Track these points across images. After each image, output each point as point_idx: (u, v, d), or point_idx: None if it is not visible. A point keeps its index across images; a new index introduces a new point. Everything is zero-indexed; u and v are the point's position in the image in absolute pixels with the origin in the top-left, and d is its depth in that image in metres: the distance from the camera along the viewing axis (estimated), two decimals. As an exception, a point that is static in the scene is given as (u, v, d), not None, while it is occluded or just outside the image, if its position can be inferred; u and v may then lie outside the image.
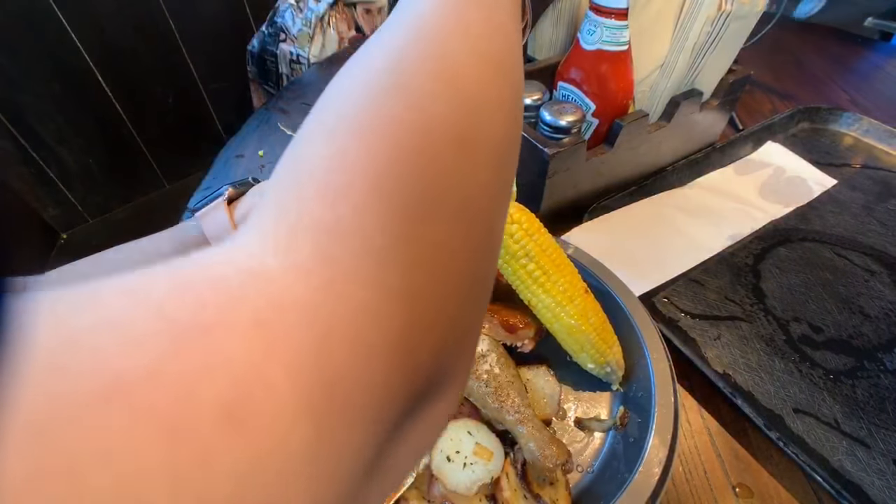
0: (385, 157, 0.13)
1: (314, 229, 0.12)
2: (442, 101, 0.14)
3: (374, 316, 0.11)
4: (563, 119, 0.45)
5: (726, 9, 0.47)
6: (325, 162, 0.13)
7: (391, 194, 0.12)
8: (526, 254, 0.35)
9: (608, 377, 0.38)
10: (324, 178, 0.13)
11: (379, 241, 0.12)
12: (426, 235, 0.13)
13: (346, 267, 0.11)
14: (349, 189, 0.12)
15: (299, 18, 0.96)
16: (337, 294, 0.11)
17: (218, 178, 0.63)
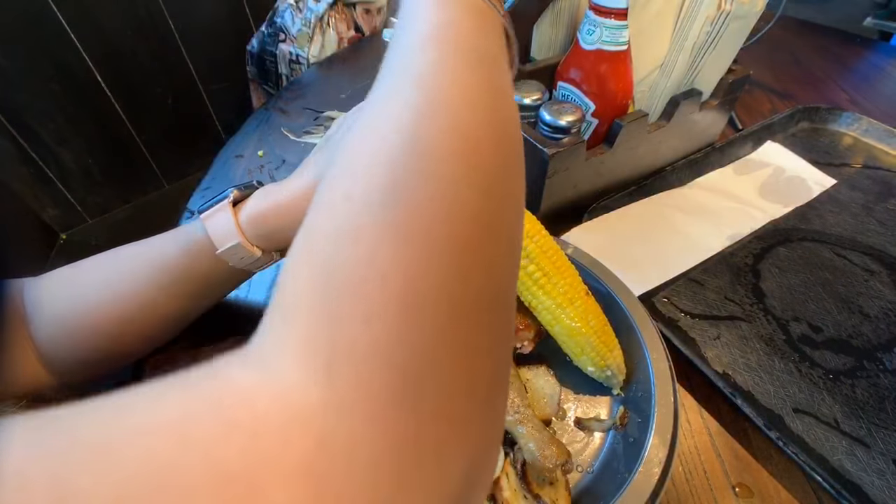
0: (416, 263, 0.12)
1: (350, 354, 0.11)
2: (465, 186, 0.13)
3: (414, 445, 0.11)
4: (562, 119, 0.45)
5: (726, 8, 0.47)
6: (355, 269, 0.12)
7: (422, 307, 0.12)
8: (527, 255, 0.35)
9: (609, 381, 0.38)
10: (357, 290, 0.12)
11: (415, 363, 0.11)
12: (459, 345, 0.12)
13: (386, 397, 0.11)
14: (384, 307, 0.11)
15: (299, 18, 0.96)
16: (379, 429, 0.11)
17: (217, 179, 0.63)
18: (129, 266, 0.35)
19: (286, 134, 0.62)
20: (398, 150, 0.14)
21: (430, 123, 0.14)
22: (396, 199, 0.13)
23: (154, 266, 0.34)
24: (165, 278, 0.34)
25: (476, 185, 0.14)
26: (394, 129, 0.14)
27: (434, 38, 0.17)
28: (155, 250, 0.35)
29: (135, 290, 0.34)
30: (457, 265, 0.12)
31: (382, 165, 0.13)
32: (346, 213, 0.13)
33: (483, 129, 0.15)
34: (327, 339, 0.11)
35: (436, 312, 0.12)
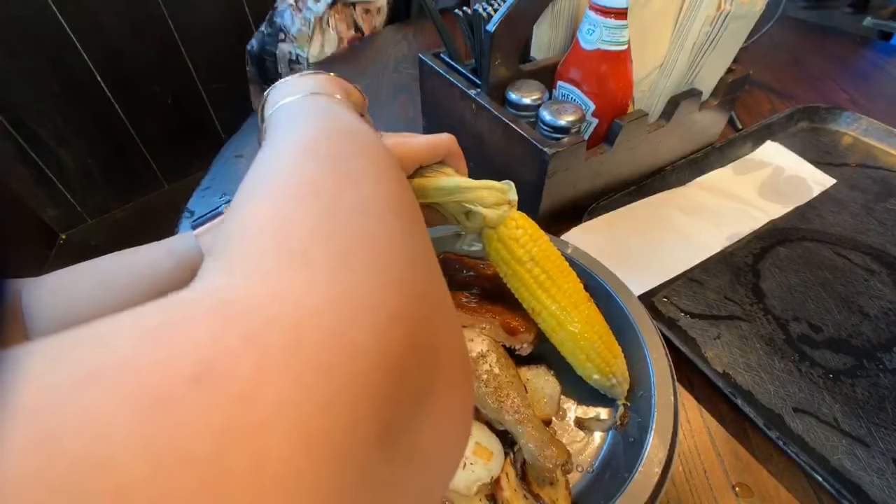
0: (299, 170, 0.18)
1: (253, 253, 0.14)
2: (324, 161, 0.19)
3: (327, 287, 0.13)
4: (562, 119, 0.45)
5: (725, 9, 0.47)
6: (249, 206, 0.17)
7: (306, 192, 0.17)
8: (531, 258, 0.35)
9: (612, 390, 0.37)
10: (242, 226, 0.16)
11: (301, 242, 0.14)
12: (338, 226, 0.15)
13: (284, 270, 0.13)
14: (264, 227, 0.15)
15: (298, 18, 0.96)
16: (281, 288, 0.13)
17: (217, 179, 0.63)
18: (121, 279, 0.34)
19: None
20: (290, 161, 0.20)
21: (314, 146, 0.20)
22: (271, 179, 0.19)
23: (146, 279, 0.34)
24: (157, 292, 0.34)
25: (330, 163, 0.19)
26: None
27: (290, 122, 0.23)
28: (148, 263, 0.34)
29: (125, 301, 0.34)
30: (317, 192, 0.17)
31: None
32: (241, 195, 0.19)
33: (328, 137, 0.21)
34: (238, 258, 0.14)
35: (319, 191, 0.17)
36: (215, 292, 0.12)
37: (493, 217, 0.34)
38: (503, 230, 0.34)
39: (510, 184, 0.35)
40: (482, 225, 0.34)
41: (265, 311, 0.12)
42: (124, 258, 0.35)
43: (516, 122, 0.48)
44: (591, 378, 0.37)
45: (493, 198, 0.33)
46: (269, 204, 0.16)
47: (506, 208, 0.34)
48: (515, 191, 0.35)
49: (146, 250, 0.35)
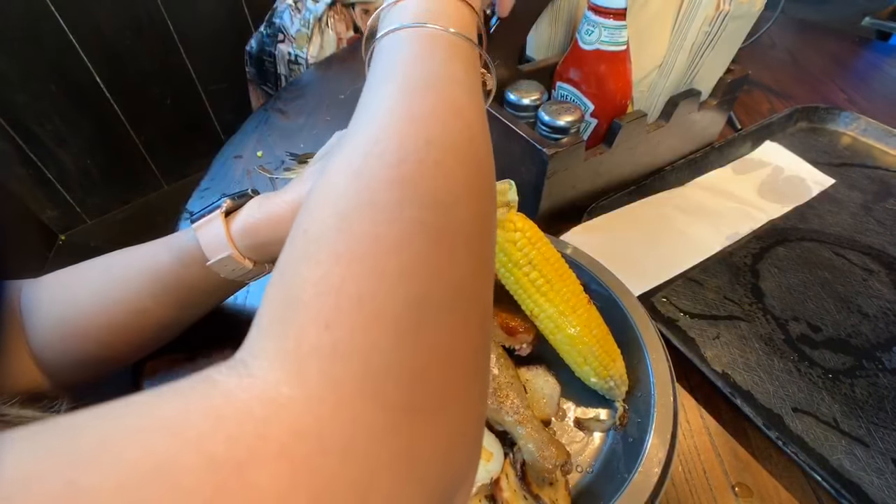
0: (366, 277, 0.14)
1: (316, 355, 0.13)
2: (408, 205, 0.15)
3: (382, 434, 0.12)
4: (561, 119, 0.45)
5: (724, 9, 0.47)
6: (313, 288, 0.14)
7: (378, 312, 0.13)
8: (529, 261, 0.35)
9: (611, 392, 0.37)
10: (313, 304, 0.14)
11: (376, 359, 0.13)
12: (421, 343, 0.14)
13: (351, 390, 0.12)
14: (338, 313, 0.13)
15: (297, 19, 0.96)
16: (345, 417, 0.12)
17: (216, 179, 0.63)
18: (121, 273, 0.34)
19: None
20: (343, 188, 0.16)
21: (372, 159, 0.17)
22: (343, 227, 0.15)
23: (145, 274, 0.34)
24: (156, 287, 0.34)
25: (417, 202, 0.16)
26: (342, 171, 0.17)
27: (384, 76, 0.20)
28: (147, 258, 0.34)
29: (125, 297, 0.34)
30: (406, 273, 0.14)
31: (331, 202, 0.16)
32: (303, 243, 0.16)
33: (423, 150, 0.17)
34: (295, 345, 0.13)
35: (392, 316, 0.14)
36: (280, 410, 0.12)
37: None
38: (501, 234, 0.34)
39: (510, 183, 0.35)
40: None
41: (335, 466, 0.11)
42: (122, 256, 0.35)
43: (515, 122, 0.48)
44: (589, 380, 0.37)
45: None
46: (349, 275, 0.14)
47: (503, 211, 0.34)
48: (515, 190, 0.35)
49: (145, 247, 0.35)
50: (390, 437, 0.12)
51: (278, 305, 0.15)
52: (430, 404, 0.14)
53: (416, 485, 0.13)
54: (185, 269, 0.33)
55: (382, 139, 0.17)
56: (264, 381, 0.12)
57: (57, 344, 0.33)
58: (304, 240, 0.16)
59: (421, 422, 0.13)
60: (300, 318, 0.14)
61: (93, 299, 0.34)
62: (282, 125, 0.71)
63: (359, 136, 0.18)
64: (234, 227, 0.33)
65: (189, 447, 0.10)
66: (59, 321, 0.33)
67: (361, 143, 0.17)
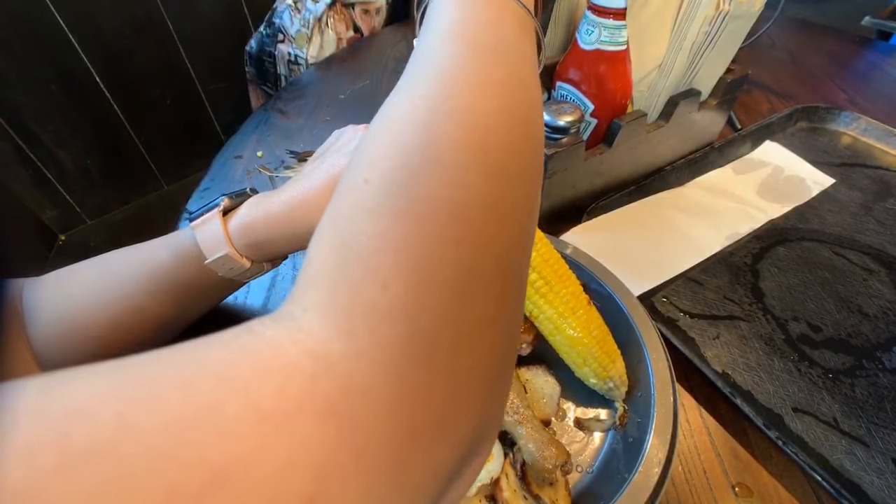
0: (426, 238, 0.14)
1: (370, 313, 0.13)
2: (473, 172, 0.15)
3: (426, 396, 0.13)
4: (561, 119, 0.45)
5: (724, 9, 0.47)
6: (372, 242, 0.14)
7: (434, 275, 0.13)
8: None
9: (611, 393, 0.37)
10: (372, 260, 0.13)
11: (426, 321, 0.13)
12: (467, 310, 0.14)
13: (401, 351, 0.13)
14: (397, 271, 0.13)
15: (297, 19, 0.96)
16: (392, 377, 0.12)
17: (216, 180, 0.63)
18: (120, 271, 0.34)
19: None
20: (410, 140, 0.15)
21: (442, 115, 0.16)
22: (408, 183, 0.14)
23: (144, 272, 0.34)
24: (155, 285, 0.34)
25: (483, 170, 0.15)
26: (408, 121, 0.16)
27: (452, 34, 0.19)
28: (146, 256, 0.34)
29: (124, 295, 0.34)
30: (462, 240, 0.14)
31: (397, 153, 0.15)
32: (364, 194, 0.15)
33: (494, 117, 0.16)
34: (348, 301, 0.13)
35: (444, 281, 0.14)
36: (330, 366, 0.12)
37: None
38: None
39: None
40: None
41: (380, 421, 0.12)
42: (122, 254, 0.35)
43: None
44: (589, 381, 0.37)
45: None
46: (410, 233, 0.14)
47: None
48: None
49: (144, 246, 0.35)
50: (432, 399, 0.13)
51: (331, 256, 0.14)
52: (469, 370, 0.14)
53: (447, 447, 0.13)
54: (182, 267, 0.33)
55: (452, 97, 0.16)
56: (314, 336, 0.12)
57: (57, 342, 0.33)
58: (364, 190, 0.15)
59: (459, 386, 0.14)
60: (356, 273, 0.13)
61: (92, 297, 0.34)
62: (282, 125, 0.72)
63: (423, 88, 0.17)
64: (231, 226, 0.33)
65: (237, 395, 0.11)
66: (59, 319, 0.33)
67: (429, 96, 0.16)
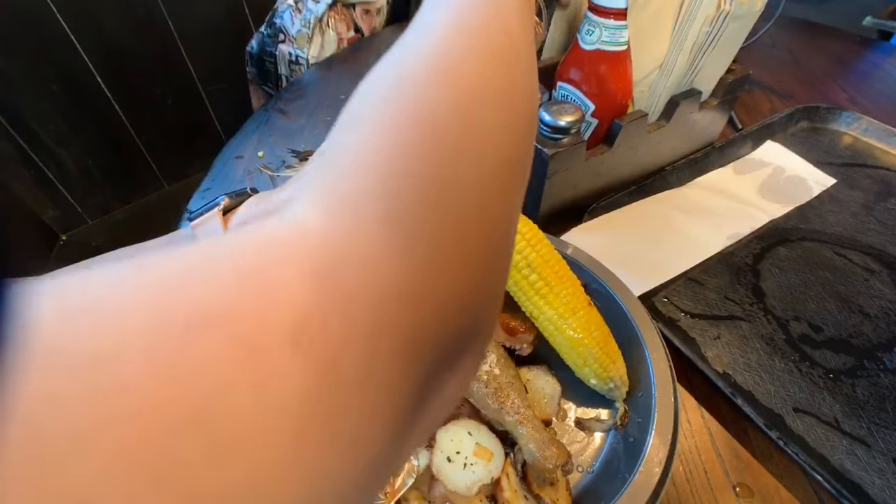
0: (400, 143, 0.15)
1: (349, 194, 0.14)
2: (445, 91, 0.17)
3: (405, 265, 0.14)
4: (562, 119, 0.45)
5: (725, 8, 0.47)
6: (355, 147, 0.16)
7: (407, 169, 0.15)
8: (528, 264, 0.35)
9: (611, 393, 0.37)
10: (355, 159, 0.15)
11: (402, 204, 0.14)
12: (441, 201, 0.15)
13: (379, 223, 0.14)
14: (375, 167, 0.15)
15: (298, 19, 0.96)
16: (373, 245, 0.13)
17: (217, 180, 0.63)
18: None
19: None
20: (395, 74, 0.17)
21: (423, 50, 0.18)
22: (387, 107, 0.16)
23: None
24: None
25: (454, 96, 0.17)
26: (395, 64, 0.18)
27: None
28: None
29: None
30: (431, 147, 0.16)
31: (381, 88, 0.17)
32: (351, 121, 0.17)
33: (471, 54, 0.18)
34: (335, 184, 0.15)
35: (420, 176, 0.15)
36: (310, 236, 0.13)
37: None
38: None
39: None
40: None
41: (355, 278, 0.13)
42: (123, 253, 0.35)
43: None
44: (589, 381, 0.37)
45: None
46: (391, 138, 0.15)
47: None
48: None
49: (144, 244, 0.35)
50: (414, 262, 0.14)
51: (313, 164, 0.17)
52: (449, 256, 0.15)
53: (432, 318, 0.14)
54: None
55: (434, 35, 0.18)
56: (293, 215, 0.14)
57: None
58: (350, 113, 0.17)
59: (443, 260, 0.15)
60: (342, 167, 0.15)
61: None
62: (283, 125, 0.72)
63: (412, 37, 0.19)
64: (230, 225, 0.33)
65: (226, 261, 0.12)
66: None
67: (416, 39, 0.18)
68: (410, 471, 0.31)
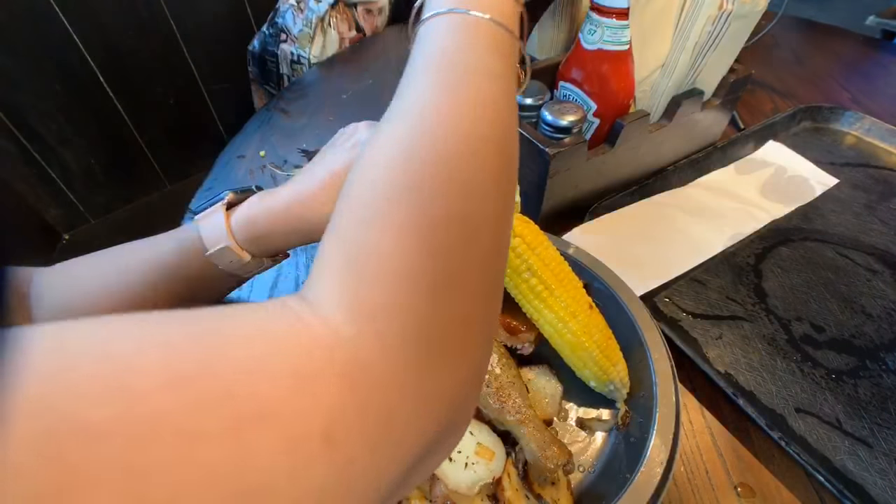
0: (412, 250, 0.17)
1: (372, 310, 0.16)
2: (444, 195, 0.18)
3: (416, 377, 0.16)
4: (564, 119, 0.45)
5: (727, 8, 0.46)
6: (370, 251, 0.17)
7: (419, 280, 0.17)
8: (528, 268, 0.35)
9: (611, 395, 0.37)
10: (371, 268, 0.17)
11: (413, 317, 0.16)
12: (449, 308, 0.17)
13: (395, 339, 0.16)
14: (386, 276, 0.17)
15: (300, 19, 0.96)
16: (389, 356, 0.16)
17: (219, 179, 0.63)
18: (126, 261, 0.35)
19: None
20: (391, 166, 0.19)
21: (422, 147, 0.19)
22: (395, 205, 0.18)
23: (148, 264, 0.34)
24: (157, 277, 0.34)
25: (455, 194, 0.19)
26: (391, 146, 0.20)
27: (432, 64, 0.22)
28: (151, 248, 0.35)
29: (126, 286, 0.34)
30: (438, 252, 0.17)
31: (383, 179, 0.19)
32: (359, 209, 0.19)
33: (467, 145, 0.20)
34: (353, 297, 0.16)
35: (425, 284, 0.17)
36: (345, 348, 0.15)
37: None
38: None
39: None
40: None
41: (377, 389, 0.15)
42: (129, 246, 0.36)
43: (518, 122, 0.48)
44: (589, 383, 0.37)
45: None
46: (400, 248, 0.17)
47: None
48: (517, 190, 0.35)
49: (152, 238, 0.36)
50: (420, 375, 0.16)
51: (337, 257, 0.18)
52: (450, 354, 0.17)
53: (427, 419, 0.16)
54: (186, 259, 0.34)
55: (427, 131, 0.20)
56: (329, 318, 0.16)
57: None
58: (359, 204, 0.19)
59: (441, 367, 0.17)
60: (356, 275, 0.17)
61: (98, 288, 0.34)
62: (284, 125, 0.72)
63: (403, 124, 0.21)
64: (234, 220, 0.33)
65: (277, 351, 0.14)
66: (63, 307, 0.33)
67: (407, 130, 0.20)
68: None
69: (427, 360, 0.16)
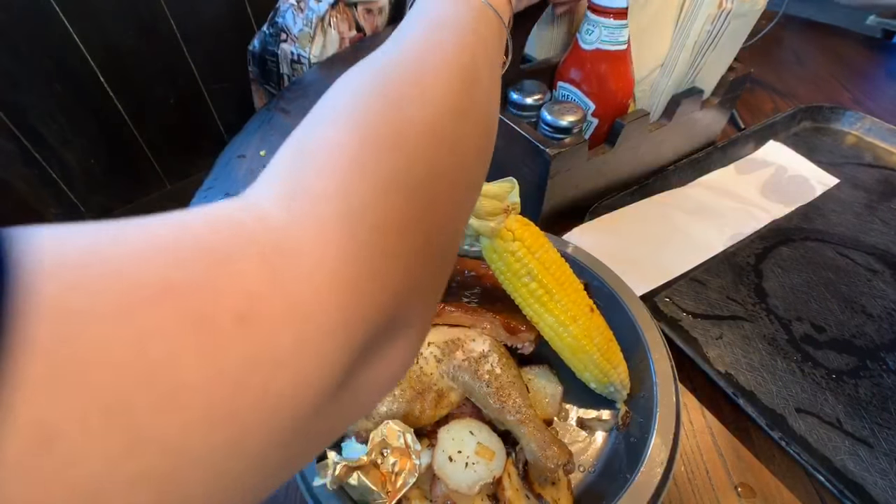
0: (366, 143, 0.17)
1: (310, 195, 0.16)
2: (411, 102, 0.19)
3: (349, 260, 0.15)
4: (563, 119, 0.45)
5: (727, 7, 0.46)
6: (321, 144, 0.18)
7: (365, 170, 0.17)
8: (528, 272, 0.35)
9: (612, 396, 0.37)
10: (319, 158, 0.17)
11: (356, 203, 0.16)
12: (394, 204, 0.17)
13: (331, 222, 0.15)
14: (337, 166, 0.17)
15: (300, 18, 0.96)
16: (322, 242, 0.15)
17: (219, 179, 0.63)
18: None
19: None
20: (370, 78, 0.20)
21: (398, 62, 0.21)
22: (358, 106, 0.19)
23: None
24: None
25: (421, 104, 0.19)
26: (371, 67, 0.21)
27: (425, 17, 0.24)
28: None
29: None
30: (392, 151, 0.17)
31: (355, 88, 0.20)
32: (324, 113, 0.19)
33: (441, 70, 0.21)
34: (296, 183, 0.16)
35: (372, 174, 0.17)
36: (270, 230, 0.15)
37: (486, 230, 0.33)
38: (499, 242, 0.34)
39: (513, 181, 0.34)
40: (477, 234, 0.34)
41: (303, 271, 0.14)
42: None
43: (518, 122, 0.48)
44: (590, 385, 0.37)
45: (489, 206, 0.33)
46: (354, 140, 0.17)
47: (500, 219, 0.33)
48: (518, 192, 0.34)
49: None
50: (356, 265, 0.15)
51: (286, 155, 0.18)
52: (387, 251, 0.17)
53: (366, 304, 0.16)
54: None
55: (403, 60, 0.21)
56: (259, 207, 0.15)
57: None
58: (324, 106, 0.20)
59: (378, 260, 0.16)
60: (301, 166, 0.17)
61: None
62: (285, 125, 0.72)
63: (381, 52, 0.22)
64: None
65: (190, 237, 0.13)
66: None
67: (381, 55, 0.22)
68: (412, 470, 0.31)
69: (369, 251, 0.16)
